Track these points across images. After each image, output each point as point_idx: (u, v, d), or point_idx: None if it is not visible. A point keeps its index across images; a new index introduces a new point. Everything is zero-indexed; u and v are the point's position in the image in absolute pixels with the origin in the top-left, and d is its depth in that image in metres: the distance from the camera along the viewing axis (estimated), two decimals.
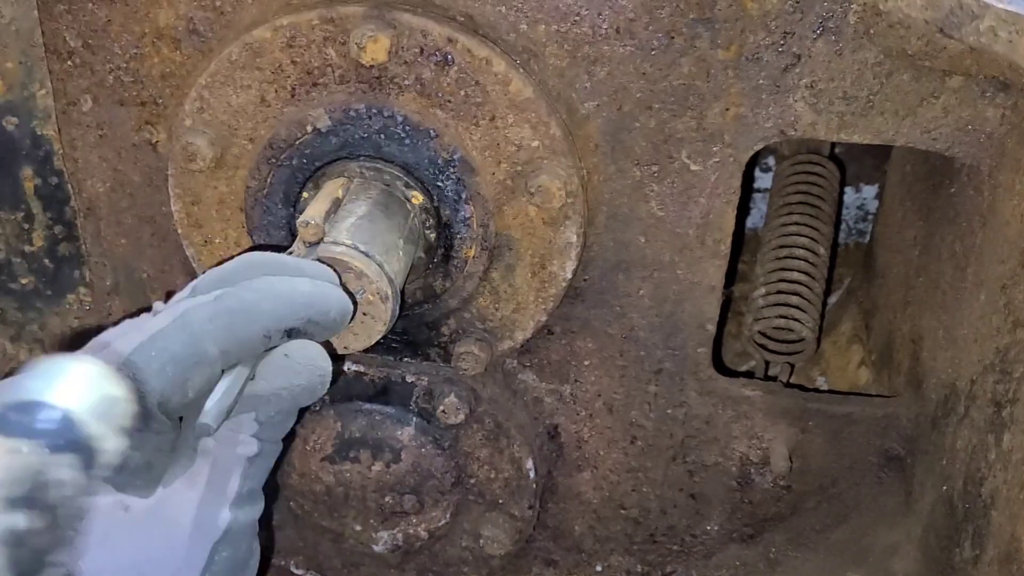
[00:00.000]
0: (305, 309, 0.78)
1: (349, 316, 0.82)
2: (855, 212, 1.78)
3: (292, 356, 0.79)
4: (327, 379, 0.81)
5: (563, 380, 1.20)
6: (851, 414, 1.20)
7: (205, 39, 1.04)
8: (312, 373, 0.80)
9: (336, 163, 1.02)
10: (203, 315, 0.74)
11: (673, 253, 1.10)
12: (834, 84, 1.00)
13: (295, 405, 0.81)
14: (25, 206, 1.16)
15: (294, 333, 0.78)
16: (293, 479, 1.22)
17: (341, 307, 0.81)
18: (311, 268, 0.83)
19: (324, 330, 0.80)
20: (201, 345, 0.73)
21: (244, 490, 0.79)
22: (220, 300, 0.76)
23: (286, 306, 0.77)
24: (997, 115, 1.00)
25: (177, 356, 0.73)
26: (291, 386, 0.80)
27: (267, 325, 0.76)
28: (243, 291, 0.77)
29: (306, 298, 0.79)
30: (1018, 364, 0.94)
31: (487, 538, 1.24)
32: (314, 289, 0.80)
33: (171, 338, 0.73)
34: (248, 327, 0.75)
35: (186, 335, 0.73)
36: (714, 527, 1.27)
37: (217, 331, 0.74)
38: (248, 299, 0.76)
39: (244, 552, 0.80)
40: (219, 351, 0.74)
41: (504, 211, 1.04)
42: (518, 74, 0.99)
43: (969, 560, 1.01)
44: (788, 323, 1.41)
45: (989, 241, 1.03)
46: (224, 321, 0.74)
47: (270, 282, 0.78)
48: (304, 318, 0.78)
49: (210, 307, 0.75)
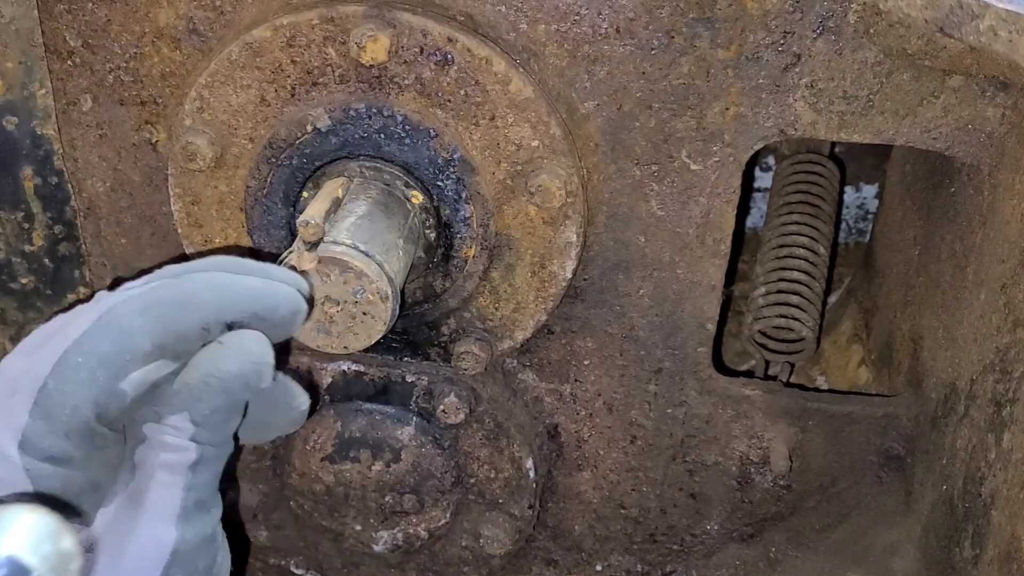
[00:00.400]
0: (249, 303, 0.71)
1: (301, 315, 0.75)
2: (855, 211, 1.78)
3: (225, 341, 0.71)
4: (264, 368, 0.71)
5: (563, 380, 1.20)
6: (851, 414, 1.20)
7: (205, 39, 1.04)
8: (244, 359, 0.70)
9: (336, 163, 1.02)
10: (133, 308, 0.68)
11: (673, 252, 1.10)
12: (834, 83, 1.00)
13: (229, 398, 0.70)
14: (25, 206, 1.16)
15: (236, 327, 0.71)
16: (293, 479, 1.22)
17: (291, 304, 0.74)
18: (276, 271, 0.77)
19: (273, 327, 0.73)
20: (132, 341, 0.67)
21: (189, 503, 0.70)
22: (153, 291, 0.69)
23: (227, 298, 0.70)
24: (997, 114, 1.00)
25: (106, 357, 0.66)
26: (220, 373, 0.69)
27: (205, 316, 0.69)
28: (181, 281, 0.70)
29: (251, 291, 0.72)
30: (1018, 364, 0.94)
31: (487, 538, 1.24)
32: (261, 284, 0.73)
33: (98, 338, 0.67)
34: (183, 318, 0.69)
35: (114, 332, 0.67)
36: (714, 526, 1.27)
37: (149, 324, 0.67)
38: (185, 288, 0.70)
39: (202, 568, 0.72)
40: (152, 345, 0.68)
41: (504, 211, 1.04)
42: (518, 74, 0.99)
43: (969, 560, 1.01)
44: (788, 322, 1.41)
45: (989, 240, 1.03)
46: (157, 312, 0.68)
47: (214, 275, 0.71)
48: (248, 311, 0.71)
49: (141, 299, 0.68)
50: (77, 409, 0.66)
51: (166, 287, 0.70)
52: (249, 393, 0.71)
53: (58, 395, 0.66)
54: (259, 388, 0.71)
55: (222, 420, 0.71)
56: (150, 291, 0.69)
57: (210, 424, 0.70)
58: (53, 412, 0.66)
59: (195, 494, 0.71)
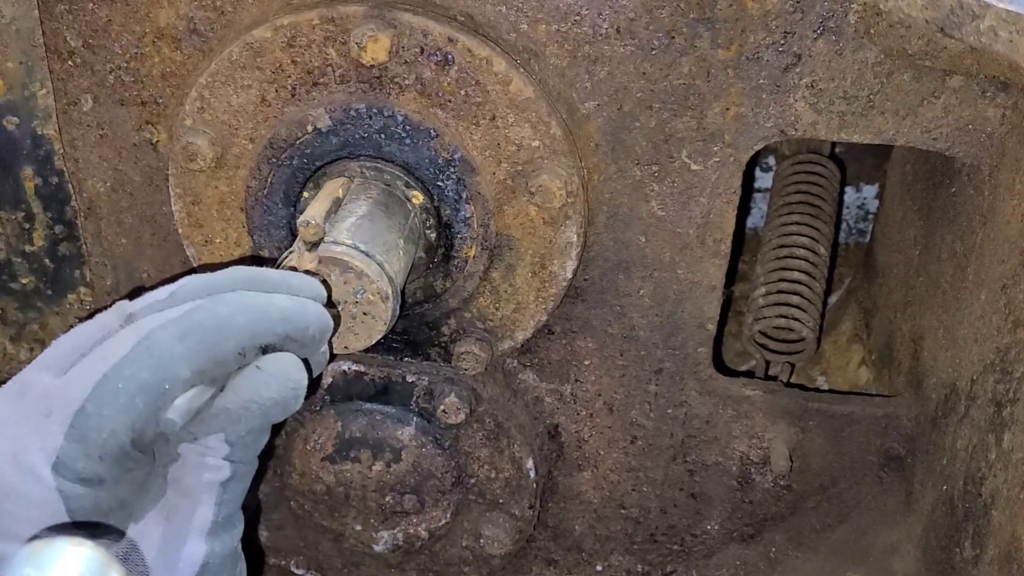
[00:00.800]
0: (282, 325, 0.73)
1: (329, 333, 0.78)
2: (855, 212, 1.78)
3: (264, 367, 0.73)
4: (301, 393, 0.74)
5: (563, 380, 1.20)
6: (851, 414, 1.20)
7: (205, 39, 1.04)
8: (284, 386, 0.73)
9: (337, 163, 1.02)
10: (172, 334, 0.69)
11: (673, 253, 1.10)
12: (834, 84, 1.00)
13: (266, 421, 0.73)
14: (26, 206, 1.16)
15: (270, 350, 0.73)
16: (293, 479, 1.22)
17: (320, 323, 0.77)
18: (296, 281, 0.79)
19: (302, 347, 0.75)
20: (172, 369, 0.68)
21: (220, 518, 0.73)
22: (190, 315, 0.70)
23: (261, 321, 0.72)
24: (997, 115, 1.00)
25: (146, 385, 0.67)
26: (261, 399, 0.72)
27: (241, 342, 0.71)
28: (216, 305, 0.72)
29: (283, 313, 0.74)
30: (1018, 364, 0.94)
31: (487, 538, 1.24)
32: (292, 304, 0.75)
33: (138, 365, 0.67)
34: (220, 344, 0.70)
35: (154, 360, 0.68)
36: (714, 527, 1.27)
37: (188, 352, 0.69)
38: (221, 313, 0.71)
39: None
40: (192, 372, 0.69)
41: (504, 211, 1.04)
42: (518, 74, 0.99)
43: (969, 560, 1.01)
44: (788, 323, 1.41)
45: (989, 241, 1.03)
46: (196, 339, 0.69)
47: (244, 296, 0.73)
48: (281, 334, 0.73)
49: (179, 324, 0.69)
50: (114, 434, 0.67)
51: (201, 312, 0.71)
52: (283, 416, 0.74)
53: (96, 419, 0.66)
54: (292, 411, 0.74)
55: (255, 440, 0.74)
56: (186, 316, 0.70)
57: (244, 445, 0.73)
58: (89, 436, 0.66)
59: (225, 510, 0.73)
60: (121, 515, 0.71)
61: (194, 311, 0.71)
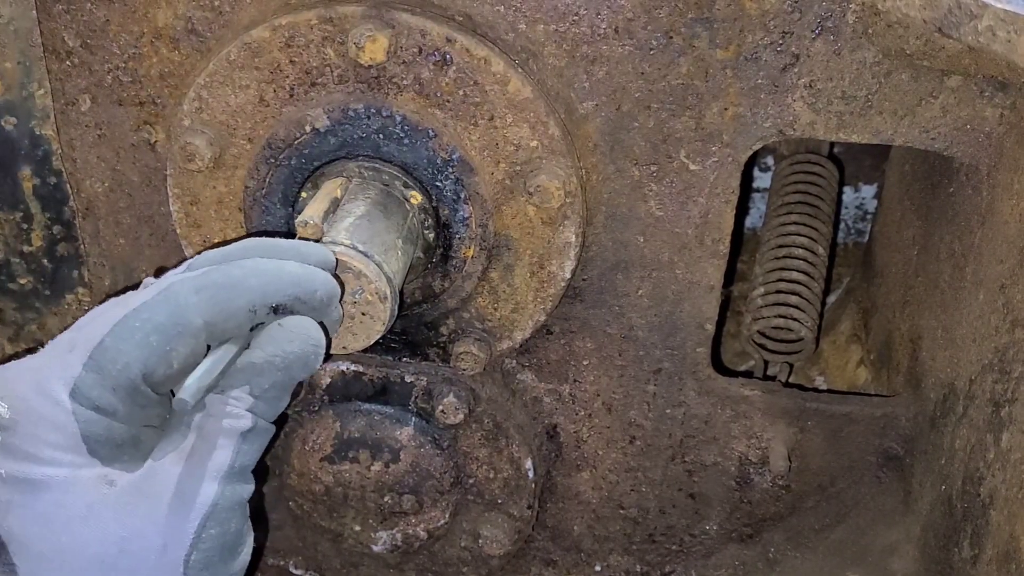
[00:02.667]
0: (292, 287, 0.79)
1: (337, 297, 0.84)
2: (854, 211, 1.78)
3: (285, 325, 0.80)
4: (320, 350, 0.81)
5: (562, 380, 1.20)
6: (850, 414, 1.20)
7: (204, 39, 1.04)
8: (306, 341, 0.80)
9: (335, 163, 1.02)
10: (189, 287, 0.75)
11: (672, 253, 1.10)
12: (833, 84, 1.00)
13: (289, 377, 0.79)
14: (24, 206, 1.16)
15: (280, 310, 0.79)
16: (292, 479, 1.22)
17: (327, 288, 0.82)
18: (307, 248, 0.85)
19: (312, 310, 0.81)
20: (185, 315, 0.74)
21: (236, 465, 0.77)
22: (207, 274, 0.77)
23: (272, 282, 0.78)
24: (995, 115, 1.00)
25: (161, 326, 0.74)
26: (284, 353, 0.79)
27: (252, 299, 0.77)
28: (231, 267, 0.78)
29: (293, 276, 0.80)
30: (1016, 364, 0.94)
31: (486, 538, 1.24)
32: (301, 269, 0.81)
33: (155, 309, 0.74)
34: (234, 300, 0.76)
35: (171, 306, 0.74)
36: (713, 527, 1.27)
37: (202, 303, 0.75)
38: (235, 274, 0.77)
39: (233, 534, 0.78)
40: (203, 322, 0.75)
41: (503, 211, 1.04)
42: (517, 74, 0.99)
43: (968, 560, 1.01)
44: (787, 323, 1.41)
45: (988, 241, 1.03)
46: (210, 293, 0.75)
47: (257, 261, 0.80)
48: (291, 295, 0.79)
49: (196, 280, 0.76)
50: (127, 367, 0.73)
51: (217, 272, 0.77)
52: (305, 373, 0.80)
53: (112, 352, 0.73)
54: (313, 369, 0.80)
55: (277, 396, 0.79)
56: (204, 275, 0.77)
57: (267, 399, 0.79)
58: (105, 367, 0.73)
59: (241, 460, 0.78)
60: (134, 451, 0.76)
61: (210, 271, 0.77)
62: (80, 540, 0.73)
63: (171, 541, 0.75)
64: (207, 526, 0.76)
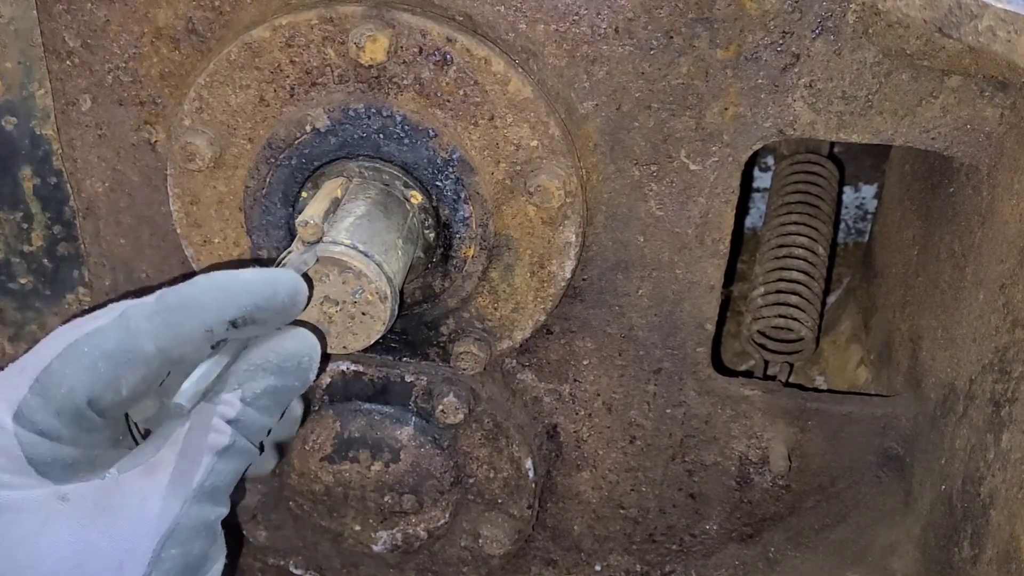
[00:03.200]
0: (247, 296, 0.75)
1: (302, 296, 0.79)
2: (854, 211, 1.78)
3: (281, 329, 0.79)
4: (315, 358, 0.79)
5: (562, 380, 1.20)
6: (850, 413, 1.20)
7: (204, 39, 1.04)
8: (302, 342, 0.78)
9: (335, 163, 1.02)
10: (143, 312, 0.74)
11: (672, 252, 1.10)
12: (833, 84, 1.00)
13: (281, 381, 0.77)
14: (24, 206, 1.16)
15: (240, 323, 0.76)
16: (292, 479, 1.22)
17: (289, 287, 0.78)
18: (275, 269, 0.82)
19: (276, 314, 0.77)
20: (137, 342, 0.73)
21: (207, 484, 0.73)
22: (161, 298, 0.75)
23: (226, 296, 0.75)
24: (996, 114, 1.00)
25: (110, 353, 0.72)
26: (279, 349, 0.77)
27: (207, 319, 0.74)
28: (184, 287, 0.76)
29: (246, 285, 0.76)
30: (1017, 363, 0.94)
31: (486, 538, 1.24)
32: (255, 275, 0.77)
33: (107, 335, 0.73)
34: (187, 323, 0.74)
35: (122, 332, 0.73)
36: (713, 527, 1.27)
37: (154, 329, 0.73)
38: (186, 293, 0.75)
39: (197, 556, 0.73)
40: (156, 348, 0.73)
41: (503, 211, 1.04)
42: (517, 74, 0.99)
43: (968, 559, 1.01)
44: (787, 323, 1.41)
45: (988, 240, 1.03)
46: (162, 319, 0.74)
47: (212, 275, 0.77)
48: (246, 305, 0.75)
49: (151, 305, 0.74)
50: (72, 391, 0.72)
51: (171, 294, 0.75)
52: (298, 382, 0.78)
53: (58, 376, 0.72)
54: (307, 379, 0.78)
55: (268, 407, 0.77)
56: (158, 298, 0.75)
57: (258, 407, 0.76)
58: (50, 391, 0.72)
59: (214, 479, 0.74)
60: (91, 470, 0.74)
61: (165, 293, 0.75)
62: (35, 555, 0.70)
63: (127, 559, 0.71)
64: (167, 546, 0.72)
